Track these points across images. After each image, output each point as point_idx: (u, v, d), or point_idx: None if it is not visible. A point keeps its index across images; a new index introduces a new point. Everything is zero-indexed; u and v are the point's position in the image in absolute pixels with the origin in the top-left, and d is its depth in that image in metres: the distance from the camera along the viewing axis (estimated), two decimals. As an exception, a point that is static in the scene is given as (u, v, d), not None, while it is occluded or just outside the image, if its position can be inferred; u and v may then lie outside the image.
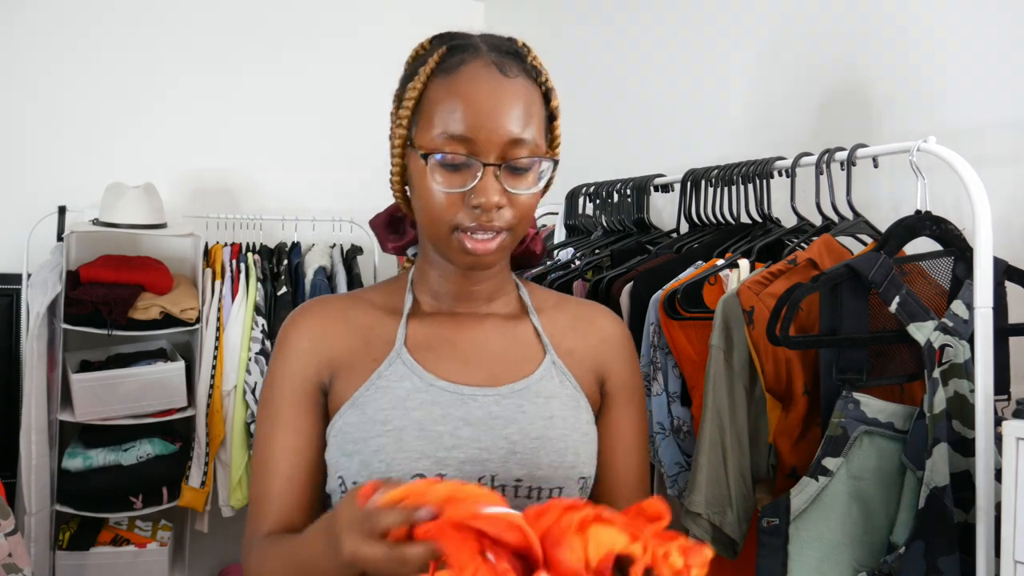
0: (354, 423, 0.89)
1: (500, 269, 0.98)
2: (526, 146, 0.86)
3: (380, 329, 0.95)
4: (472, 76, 0.86)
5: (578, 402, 0.95)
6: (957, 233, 1.30)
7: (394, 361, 0.92)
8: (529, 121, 0.87)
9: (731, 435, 1.30)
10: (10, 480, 2.58)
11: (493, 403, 0.91)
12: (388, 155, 0.96)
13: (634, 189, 2.02)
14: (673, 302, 1.46)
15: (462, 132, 0.85)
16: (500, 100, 0.86)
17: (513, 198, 0.87)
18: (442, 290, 0.97)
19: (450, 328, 0.96)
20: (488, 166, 0.85)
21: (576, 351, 0.99)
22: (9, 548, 1.89)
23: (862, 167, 1.44)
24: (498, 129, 0.85)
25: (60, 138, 2.96)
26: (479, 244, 0.86)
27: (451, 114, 0.85)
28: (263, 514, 0.91)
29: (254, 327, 2.77)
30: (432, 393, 0.90)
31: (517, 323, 0.98)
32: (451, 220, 0.86)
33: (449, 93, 0.86)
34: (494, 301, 0.99)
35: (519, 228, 0.89)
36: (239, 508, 2.78)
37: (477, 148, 0.85)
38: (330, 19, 3.32)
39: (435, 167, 0.86)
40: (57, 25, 2.96)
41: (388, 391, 0.90)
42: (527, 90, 0.88)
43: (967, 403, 1.17)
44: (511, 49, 0.90)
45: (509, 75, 0.87)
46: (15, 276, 2.80)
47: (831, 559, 1.20)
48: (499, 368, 0.94)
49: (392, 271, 3.17)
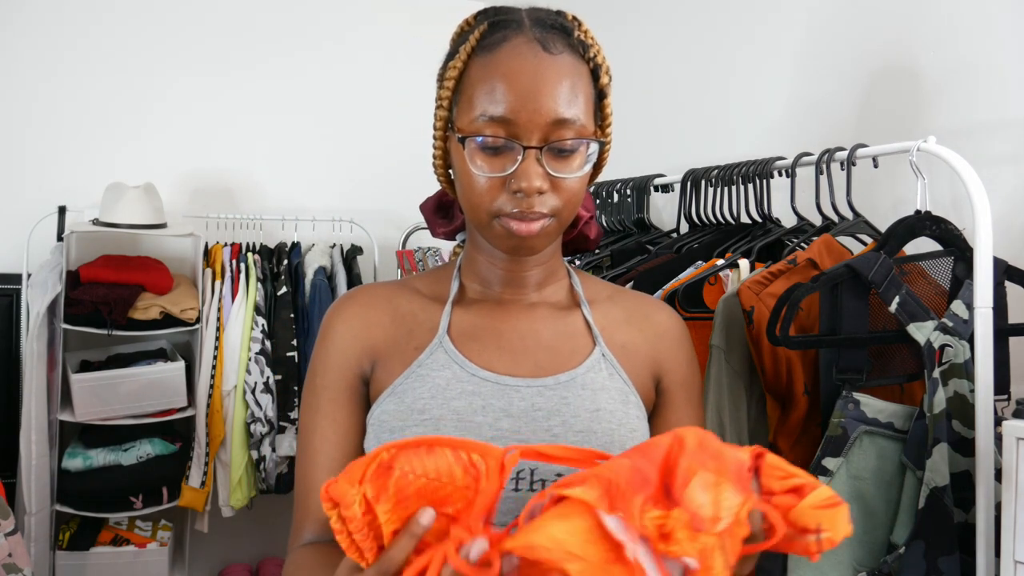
0: (392, 411, 0.87)
1: (550, 255, 0.94)
2: (571, 127, 0.82)
3: (424, 316, 0.92)
4: (513, 54, 0.82)
5: (627, 397, 0.90)
6: (957, 233, 1.30)
7: (435, 350, 0.89)
8: (574, 100, 0.82)
9: (731, 435, 1.30)
10: (10, 480, 2.58)
11: (537, 394, 0.87)
12: (389, 155, 0.95)
13: (634, 189, 2.02)
14: (673, 302, 1.46)
15: (502, 114, 0.80)
16: (542, 79, 0.81)
17: (557, 182, 0.83)
18: (490, 276, 0.93)
19: (496, 316, 0.92)
20: (529, 149, 0.81)
21: (629, 345, 0.94)
22: (9, 548, 1.89)
23: (862, 167, 1.44)
24: (540, 109, 0.80)
25: (60, 138, 2.96)
26: (522, 226, 0.82)
27: (490, 95, 0.81)
28: (307, 509, 0.89)
29: (254, 327, 2.77)
30: (473, 383, 0.87)
31: (567, 313, 0.94)
32: (492, 206, 0.83)
33: (488, 73, 0.82)
34: (544, 288, 0.95)
35: (564, 213, 0.85)
36: (239, 508, 2.78)
37: (518, 130, 0.81)
38: (330, 19, 3.32)
39: (474, 151, 0.82)
40: (57, 25, 2.96)
41: (428, 380, 0.87)
42: (573, 67, 0.83)
43: (967, 403, 1.17)
44: (557, 23, 0.85)
45: (553, 52, 0.82)
46: (15, 276, 2.80)
47: (831, 559, 1.20)
48: (545, 359, 0.90)
49: (392, 271, 3.19)
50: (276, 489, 2.83)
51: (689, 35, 2.37)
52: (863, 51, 1.82)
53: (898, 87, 1.73)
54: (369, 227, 3.17)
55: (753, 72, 2.13)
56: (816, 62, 1.94)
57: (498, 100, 0.81)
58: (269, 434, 2.76)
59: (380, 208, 3.27)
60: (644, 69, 2.54)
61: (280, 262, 2.95)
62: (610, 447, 0.86)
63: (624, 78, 2.61)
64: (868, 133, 1.72)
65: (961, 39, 1.60)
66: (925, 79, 1.66)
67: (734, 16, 2.20)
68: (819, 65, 1.93)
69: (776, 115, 2.05)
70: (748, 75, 2.14)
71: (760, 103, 2.10)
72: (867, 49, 1.81)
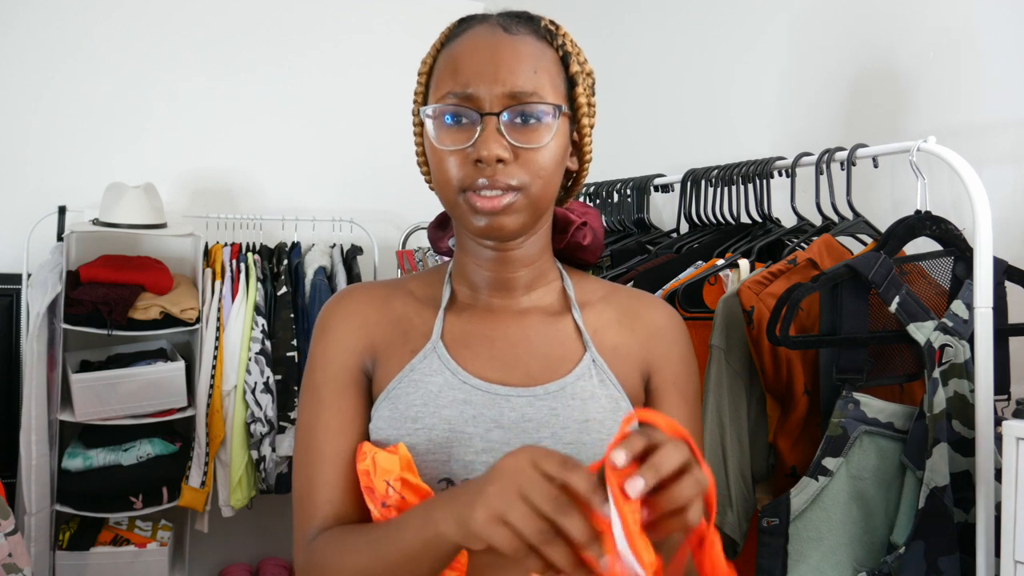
0: (386, 418, 0.86)
1: (537, 255, 0.93)
2: (529, 98, 0.82)
3: (418, 320, 0.92)
4: (474, 36, 0.85)
5: (618, 404, 0.89)
6: (957, 233, 1.30)
7: (429, 354, 0.88)
8: (533, 76, 0.83)
9: (731, 435, 1.30)
10: (10, 480, 2.58)
11: (527, 404, 0.86)
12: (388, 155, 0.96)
13: (634, 189, 2.02)
14: (673, 302, 1.46)
15: (463, 88, 0.82)
16: (500, 53, 0.83)
17: (521, 153, 0.82)
18: (478, 280, 0.93)
19: (488, 323, 0.91)
20: (488, 116, 0.81)
21: (621, 347, 0.92)
22: (9, 548, 1.89)
23: (862, 167, 1.44)
24: (497, 79, 0.81)
25: (60, 138, 2.96)
26: (487, 202, 0.82)
27: (452, 75, 0.83)
28: (312, 503, 0.87)
29: (254, 327, 2.77)
30: (465, 391, 0.86)
31: (557, 319, 0.93)
32: (456, 180, 0.83)
33: (451, 56, 0.85)
34: (533, 292, 0.93)
35: (533, 189, 0.83)
36: (239, 508, 2.78)
37: (478, 102, 0.82)
38: (330, 21, 3.32)
39: (439, 128, 0.83)
40: (58, 27, 2.96)
41: (421, 385, 0.87)
42: (535, 47, 0.85)
43: (967, 403, 1.17)
44: (523, 15, 0.88)
45: (513, 33, 0.85)
46: (15, 276, 2.80)
47: (831, 559, 1.20)
48: (536, 367, 0.89)
49: (392, 271, 3.19)
50: (276, 489, 2.83)
51: (689, 35, 2.37)
52: (863, 51, 1.82)
53: (898, 87, 1.73)
54: (369, 227, 3.17)
55: (753, 72, 2.13)
56: (816, 62, 1.94)
57: (458, 76, 0.83)
58: (269, 434, 2.76)
59: (380, 208, 3.27)
60: (644, 69, 2.54)
61: (280, 262, 2.95)
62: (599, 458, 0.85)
63: (625, 78, 2.61)
64: (868, 133, 1.72)
65: (961, 39, 1.60)
66: (925, 79, 1.66)
67: (734, 16, 2.20)
68: (819, 65, 1.93)
69: (776, 115, 2.05)
70: (748, 75, 2.14)
71: (760, 103, 2.10)
72: (867, 49, 1.81)
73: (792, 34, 2.02)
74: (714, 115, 2.27)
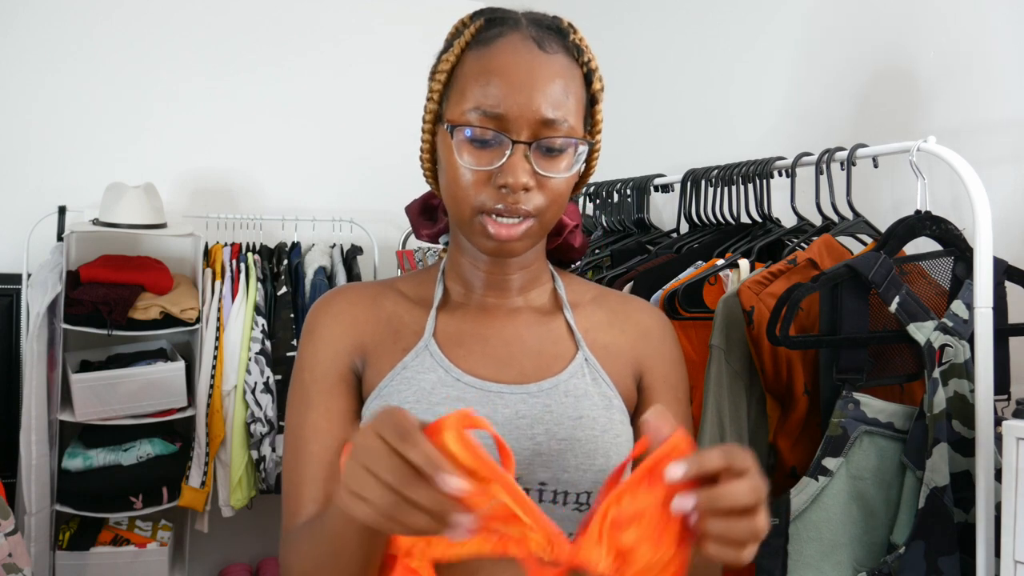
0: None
1: (534, 259, 0.93)
2: (560, 127, 0.82)
3: (409, 319, 0.92)
4: (508, 50, 0.82)
5: (611, 401, 0.90)
6: (957, 233, 1.30)
7: (421, 352, 0.89)
8: (565, 101, 0.82)
9: (731, 435, 1.30)
10: (10, 480, 2.58)
11: (520, 401, 0.86)
12: (388, 155, 0.95)
13: (634, 189, 2.02)
14: (673, 302, 1.46)
15: (493, 107, 0.80)
16: (536, 76, 0.81)
17: (543, 181, 0.82)
18: (473, 279, 0.93)
19: (481, 322, 0.92)
20: (518, 144, 0.80)
21: (612, 347, 0.94)
22: (9, 548, 1.89)
23: (862, 167, 1.44)
24: (531, 106, 0.80)
25: (60, 138, 2.96)
26: (503, 229, 0.82)
27: (483, 88, 0.81)
28: (300, 502, 0.87)
29: (254, 327, 2.77)
30: (458, 389, 0.86)
31: (550, 318, 0.94)
32: (475, 200, 0.82)
33: (483, 66, 0.82)
34: (527, 292, 0.94)
35: (548, 214, 0.84)
36: (239, 508, 2.78)
37: (508, 125, 0.81)
38: (330, 21, 3.32)
39: (462, 143, 0.82)
40: (58, 26, 2.96)
41: (413, 382, 0.87)
42: (567, 68, 0.84)
43: (967, 403, 1.17)
44: (553, 25, 0.86)
45: (548, 51, 0.83)
46: (15, 276, 2.80)
47: (831, 559, 1.20)
48: (529, 365, 0.89)
49: (392, 271, 3.19)
50: (276, 489, 2.83)
51: (689, 35, 2.37)
52: (863, 51, 1.82)
53: (898, 87, 1.73)
54: (369, 227, 3.17)
55: (753, 72, 2.13)
56: (816, 62, 1.94)
57: (491, 93, 0.81)
58: (269, 434, 2.76)
59: (380, 208, 3.26)
60: (644, 69, 2.54)
61: (280, 262, 2.95)
62: (593, 455, 0.86)
63: (625, 78, 2.61)
64: (868, 133, 1.72)
65: (961, 39, 1.60)
66: (925, 79, 1.66)
67: (734, 16, 2.20)
68: (819, 65, 1.93)
69: (776, 115, 2.05)
70: (748, 75, 2.14)
71: (760, 103, 2.10)
72: (867, 49, 1.81)
73: (792, 34, 2.02)
74: (714, 115, 2.27)
